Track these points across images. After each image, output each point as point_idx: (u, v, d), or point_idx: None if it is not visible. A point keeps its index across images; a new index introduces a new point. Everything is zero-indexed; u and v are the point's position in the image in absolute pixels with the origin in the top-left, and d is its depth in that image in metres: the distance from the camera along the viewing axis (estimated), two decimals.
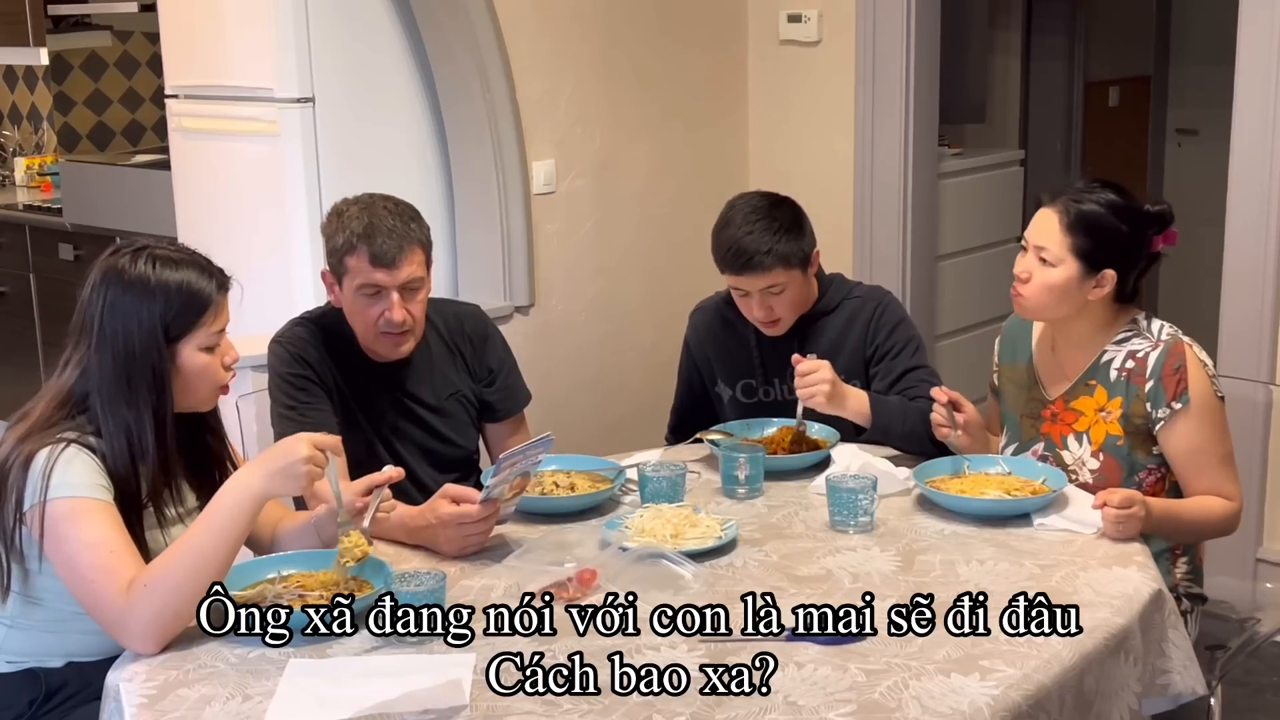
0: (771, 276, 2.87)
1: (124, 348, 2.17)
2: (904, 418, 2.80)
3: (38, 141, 6.38)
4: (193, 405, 2.27)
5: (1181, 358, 2.52)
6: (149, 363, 2.18)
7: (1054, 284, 2.55)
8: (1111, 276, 2.55)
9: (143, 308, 2.18)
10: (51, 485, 2.09)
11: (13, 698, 2.20)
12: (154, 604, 2.02)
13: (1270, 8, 3.72)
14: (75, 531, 2.07)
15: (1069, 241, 2.54)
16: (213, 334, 2.23)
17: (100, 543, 2.07)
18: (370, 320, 2.67)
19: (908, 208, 4.52)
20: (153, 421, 2.18)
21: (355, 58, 3.82)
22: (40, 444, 2.13)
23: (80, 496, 2.10)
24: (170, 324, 2.19)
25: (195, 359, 2.22)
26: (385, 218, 2.65)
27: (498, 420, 2.94)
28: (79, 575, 2.07)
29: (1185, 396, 2.50)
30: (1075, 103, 5.99)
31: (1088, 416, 2.60)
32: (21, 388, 5.51)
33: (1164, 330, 2.58)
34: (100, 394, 2.18)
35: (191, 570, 2.04)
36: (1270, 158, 3.76)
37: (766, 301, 2.91)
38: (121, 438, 2.16)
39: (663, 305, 4.50)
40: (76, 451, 2.13)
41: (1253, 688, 3.50)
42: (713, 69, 4.63)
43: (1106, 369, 2.59)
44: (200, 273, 2.23)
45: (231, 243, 3.85)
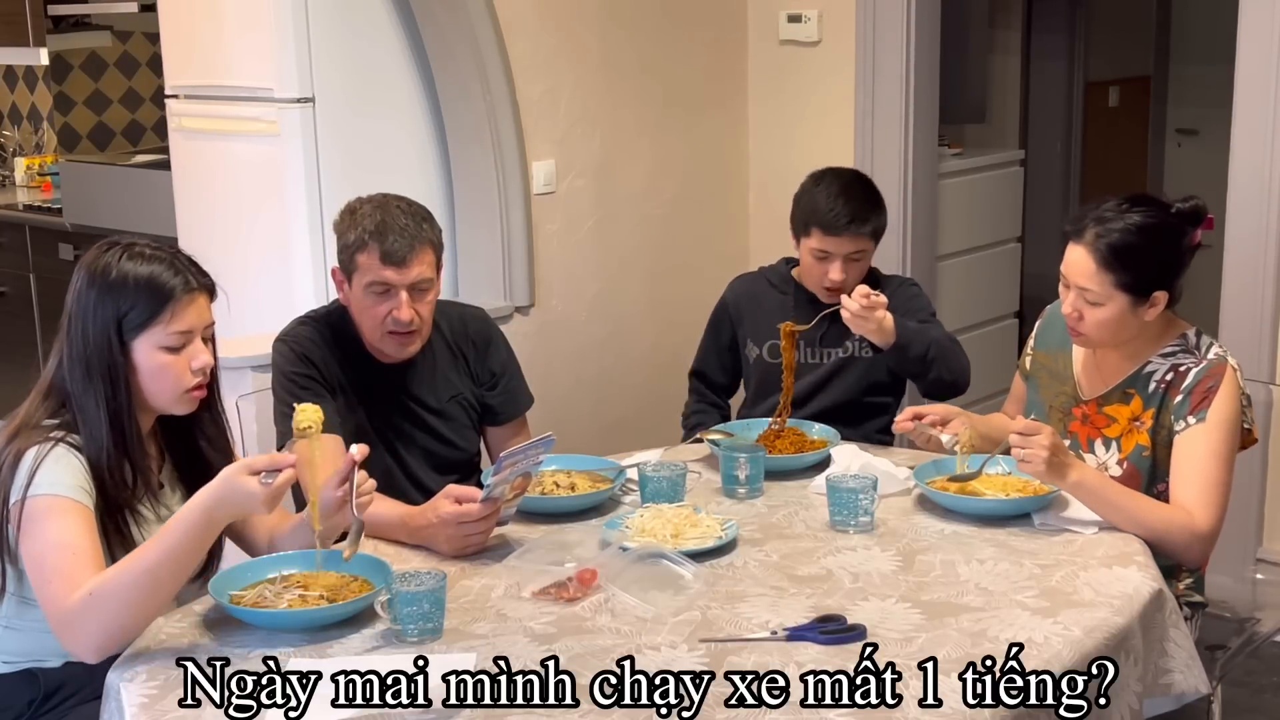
0: (860, 242, 3.05)
1: (82, 339, 2.17)
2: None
3: (38, 141, 6.38)
4: (162, 407, 2.24)
5: (1219, 378, 2.48)
6: (103, 357, 2.16)
7: (1107, 320, 2.50)
8: (1162, 296, 2.50)
9: (103, 300, 2.17)
10: (34, 482, 2.09)
11: (12, 698, 2.20)
12: (99, 616, 2.00)
13: (1270, 8, 3.71)
14: (45, 530, 2.07)
15: (1109, 278, 2.47)
16: (173, 334, 2.18)
17: (65, 545, 2.06)
18: (378, 319, 2.67)
19: (908, 208, 4.52)
20: (109, 415, 2.16)
21: (355, 57, 3.82)
22: (30, 442, 2.13)
23: (59, 495, 2.09)
24: (124, 318, 2.16)
25: (152, 358, 2.18)
26: (398, 217, 2.66)
27: (499, 424, 2.94)
28: (40, 575, 2.06)
29: (1203, 413, 2.46)
30: (1075, 103, 6.00)
31: (1120, 424, 2.58)
32: (21, 388, 5.42)
33: (1213, 349, 2.54)
34: (70, 386, 2.18)
35: (139, 587, 2.01)
36: (1270, 158, 3.75)
37: (846, 266, 3.05)
38: (87, 429, 2.16)
39: (663, 305, 4.51)
40: (64, 452, 2.13)
41: (1253, 688, 3.50)
42: (713, 69, 4.63)
43: (1147, 380, 2.55)
44: (168, 269, 2.19)
45: (231, 243, 3.85)
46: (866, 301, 2.77)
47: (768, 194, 4.63)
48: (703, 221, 4.63)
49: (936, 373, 2.94)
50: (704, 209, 4.64)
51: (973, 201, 5.05)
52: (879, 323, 2.79)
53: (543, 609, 2.15)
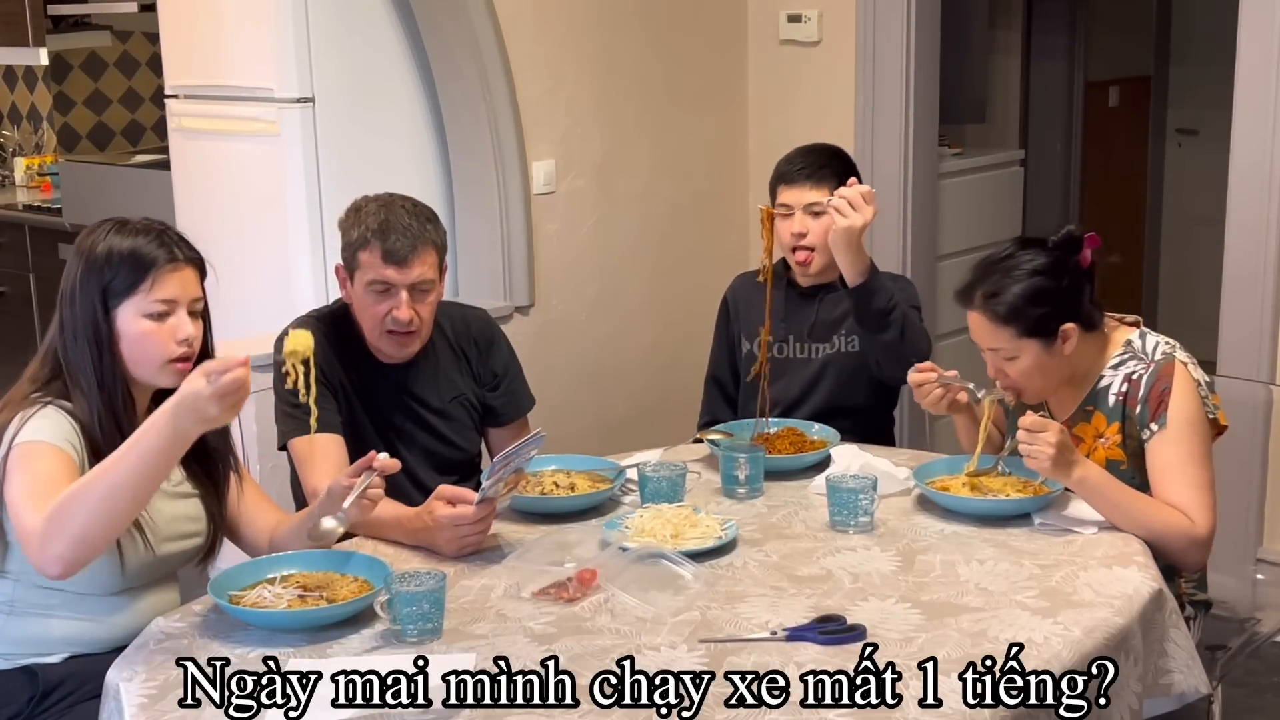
0: (818, 193, 3.06)
1: (72, 309, 2.24)
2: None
3: (37, 141, 6.37)
4: (146, 378, 2.27)
5: (1169, 379, 2.47)
6: (90, 324, 2.22)
7: (1030, 369, 2.51)
8: (1072, 329, 2.49)
9: (90, 271, 2.24)
10: (20, 433, 2.14)
11: (11, 695, 2.19)
12: (63, 525, 2.00)
13: (1270, 8, 3.71)
14: (22, 469, 2.11)
15: (1010, 331, 2.49)
16: (154, 301, 2.23)
17: (38, 475, 2.09)
18: (377, 317, 2.68)
19: (908, 208, 4.52)
20: (99, 383, 2.21)
21: (355, 58, 3.82)
22: (20, 409, 2.19)
23: (39, 441, 2.13)
24: (108, 286, 2.23)
25: (134, 325, 2.23)
26: (402, 216, 2.66)
27: (500, 425, 2.94)
28: (14, 508, 2.10)
29: (1163, 418, 2.46)
30: (1075, 103, 5.99)
31: (1087, 443, 2.57)
32: None
33: (1159, 349, 2.53)
34: (63, 354, 2.24)
35: (102, 496, 2.00)
36: (1270, 158, 3.75)
37: (805, 220, 3.06)
38: (81, 398, 2.21)
39: (663, 305, 4.51)
40: (53, 410, 2.18)
41: (1253, 688, 3.50)
42: (713, 69, 4.63)
43: (1105, 394, 2.56)
44: (153, 240, 2.26)
45: (231, 243, 3.85)
46: (866, 189, 2.82)
47: (767, 194, 4.61)
48: (703, 221, 4.63)
49: (894, 334, 2.89)
50: (704, 209, 4.64)
51: (973, 201, 5.05)
52: (865, 221, 2.79)
53: (542, 609, 2.15)
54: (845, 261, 2.87)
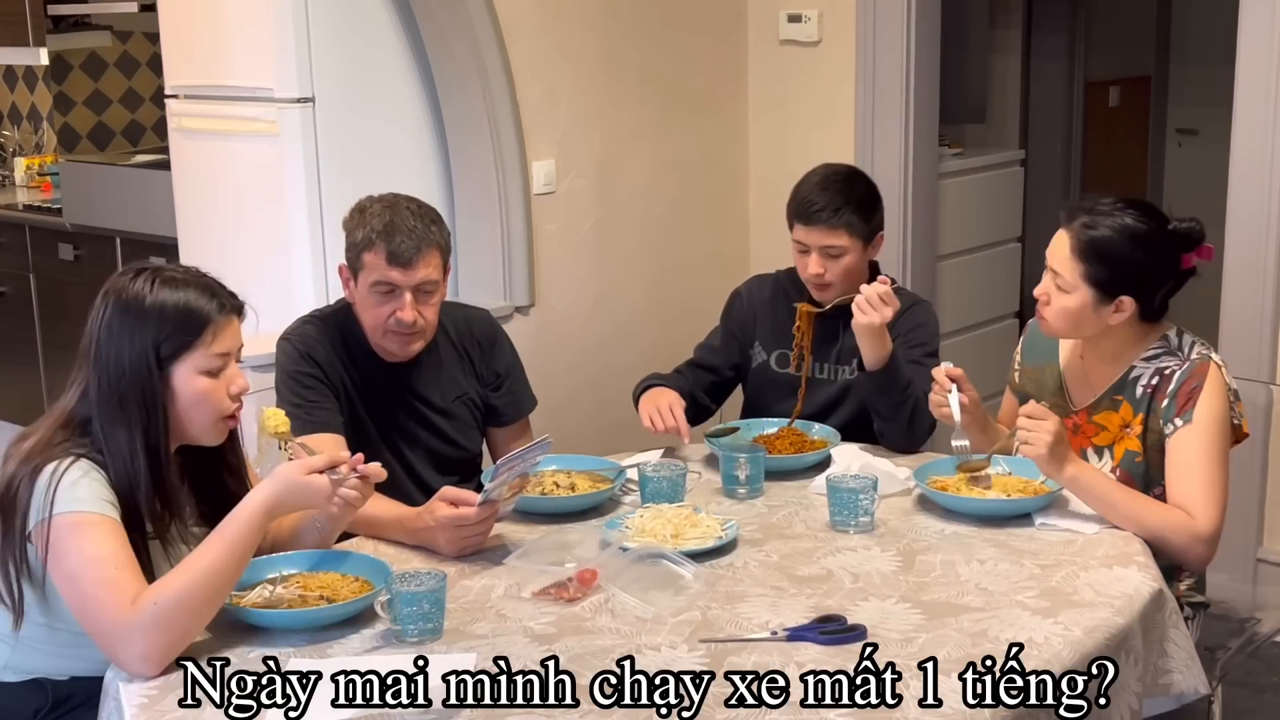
0: (835, 237, 2.95)
1: (115, 369, 2.10)
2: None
3: (38, 141, 6.37)
4: (195, 436, 2.18)
5: (1202, 378, 2.47)
6: (140, 385, 2.09)
7: (1069, 309, 2.52)
8: (1129, 303, 2.50)
9: (137, 328, 2.10)
10: (57, 500, 2.02)
11: (19, 707, 2.16)
12: (166, 625, 1.95)
13: (1270, 8, 3.71)
14: (78, 546, 2.00)
15: (1080, 269, 2.49)
16: (212, 356, 2.14)
17: (105, 558, 1.99)
18: (381, 318, 2.67)
19: (908, 208, 4.52)
20: (144, 447, 2.09)
21: (355, 57, 3.82)
22: (47, 458, 2.06)
23: (85, 511, 2.02)
24: (162, 344, 2.10)
25: (192, 383, 2.13)
26: (407, 217, 2.66)
27: (502, 425, 2.94)
28: (80, 591, 1.99)
29: (1190, 414, 2.46)
30: (1075, 103, 5.99)
31: (1111, 432, 2.57)
32: (21, 388, 5.53)
33: (1195, 348, 2.53)
34: (98, 418, 2.11)
35: (204, 591, 1.99)
36: (1270, 158, 3.75)
37: (823, 261, 2.97)
38: (118, 463, 2.09)
39: (663, 305, 4.50)
40: (85, 467, 2.06)
41: (1253, 688, 3.50)
42: (713, 69, 4.63)
43: (1134, 385, 2.55)
44: (201, 293, 2.15)
45: (231, 243, 3.85)
46: (885, 289, 2.74)
47: (767, 194, 4.62)
48: (703, 222, 4.63)
49: (905, 416, 2.84)
50: (704, 209, 4.64)
51: (973, 201, 5.05)
52: (884, 319, 2.74)
53: (543, 609, 2.15)
54: (866, 348, 2.81)
